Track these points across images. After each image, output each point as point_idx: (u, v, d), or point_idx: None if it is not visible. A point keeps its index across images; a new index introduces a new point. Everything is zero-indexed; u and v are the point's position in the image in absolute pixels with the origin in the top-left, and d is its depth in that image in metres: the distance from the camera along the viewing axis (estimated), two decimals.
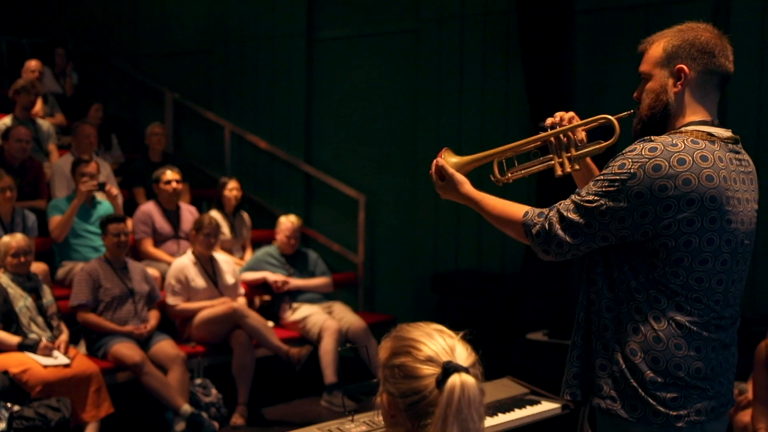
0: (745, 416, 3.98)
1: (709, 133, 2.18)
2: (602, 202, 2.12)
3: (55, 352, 4.70)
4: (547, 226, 2.21)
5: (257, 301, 6.54)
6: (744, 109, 5.44)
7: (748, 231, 2.21)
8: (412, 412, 1.56)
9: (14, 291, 4.78)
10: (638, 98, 2.30)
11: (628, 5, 5.94)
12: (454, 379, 1.52)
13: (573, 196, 2.22)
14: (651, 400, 2.12)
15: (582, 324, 2.27)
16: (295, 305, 6.17)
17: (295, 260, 6.34)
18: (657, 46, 2.25)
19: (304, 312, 6.08)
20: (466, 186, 2.44)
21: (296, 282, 6.20)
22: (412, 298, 6.90)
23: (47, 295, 4.96)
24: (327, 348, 5.79)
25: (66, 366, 4.65)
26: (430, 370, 1.54)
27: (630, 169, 2.09)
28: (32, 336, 4.73)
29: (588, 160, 2.52)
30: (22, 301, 4.78)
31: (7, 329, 4.70)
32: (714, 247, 2.11)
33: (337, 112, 7.46)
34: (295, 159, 7.59)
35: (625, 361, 2.14)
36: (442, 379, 1.52)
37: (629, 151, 2.14)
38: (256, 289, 6.27)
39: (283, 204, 7.56)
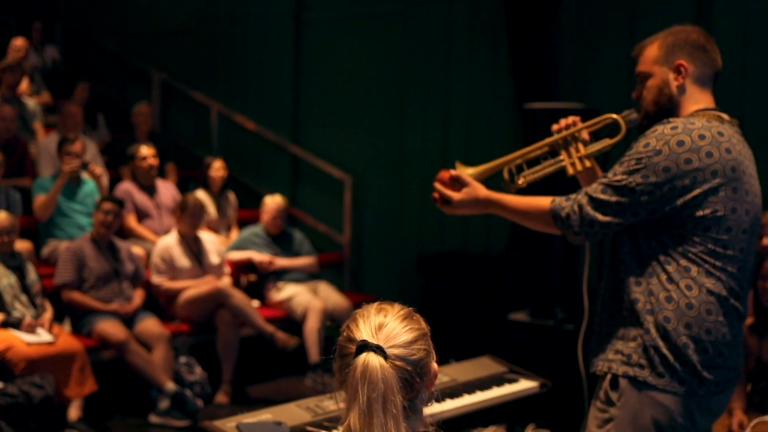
0: None
1: (719, 116, 2.36)
2: (632, 179, 2.26)
3: (39, 330, 4.71)
4: (576, 207, 2.33)
5: (243, 280, 6.56)
6: (726, 109, 5.46)
7: (757, 204, 2.36)
8: (344, 389, 1.58)
9: None
10: (638, 98, 2.46)
11: None
12: (360, 358, 1.53)
13: (599, 180, 2.35)
14: (679, 366, 2.24)
15: (609, 302, 2.39)
16: (280, 285, 6.19)
17: (280, 240, 6.36)
18: (652, 47, 2.42)
19: (290, 291, 6.11)
20: (485, 190, 2.53)
21: (282, 261, 6.22)
22: (398, 278, 6.93)
23: (31, 274, 4.97)
24: (312, 327, 5.83)
25: (50, 343, 4.67)
26: (352, 349, 1.56)
27: (656, 146, 2.25)
28: (16, 314, 4.74)
29: (593, 160, 2.63)
30: (5, 280, 4.78)
31: None
32: (737, 216, 2.26)
33: (324, 93, 7.45)
34: (282, 140, 7.59)
35: (658, 329, 2.26)
36: (354, 358, 1.54)
37: (651, 132, 2.29)
38: (242, 268, 6.29)
39: (270, 184, 7.56)
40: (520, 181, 2.63)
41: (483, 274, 6.14)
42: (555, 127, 2.62)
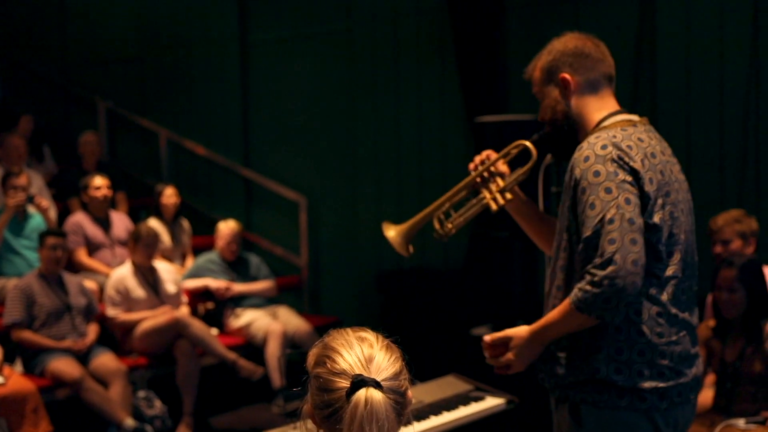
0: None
1: (629, 120, 2.28)
2: (611, 207, 2.10)
3: None
4: (599, 281, 2.09)
5: (201, 308, 6.44)
6: (673, 103, 5.52)
7: (688, 199, 2.31)
8: (328, 425, 1.52)
9: None
10: (542, 119, 2.42)
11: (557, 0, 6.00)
12: (360, 394, 1.47)
13: (585, 238, 2.14)
14: (637, 389, 2.17)
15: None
16: (238, 311, 6.09)
17: (237, 266, 6.26)
18: (536, 69, 2.41)
19: (249, 317, 6.02)
20: (524, 328, 2.31)
21: (239, 287, 6.13)
22: (358, 298, 6.87)
23: None
24: (273, 352, 5.73)
25: (1, 385, 4.51)
26: (342, 383, 1.50)
27: (607, 168, 2.13)
28: None
29: (516, 188, 2.58)
30: None
31: None
32: (674, 219, 2.20)
33: (274, 115, 7.39)
34: (233, 163, 7.50)
35: (612, 359, 2.17)
36: (349, 393, 1.48)
37: (587, 161, 2.16)
38: (198, 296, 6.18)
39: (223, 209, 7.45)
40: (449, 227, 2.57)
41: (443, 290, 6.11)
42: (471, 165, 2.57)
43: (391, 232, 2.57)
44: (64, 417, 4.95)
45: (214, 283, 6.06)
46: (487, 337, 2.34)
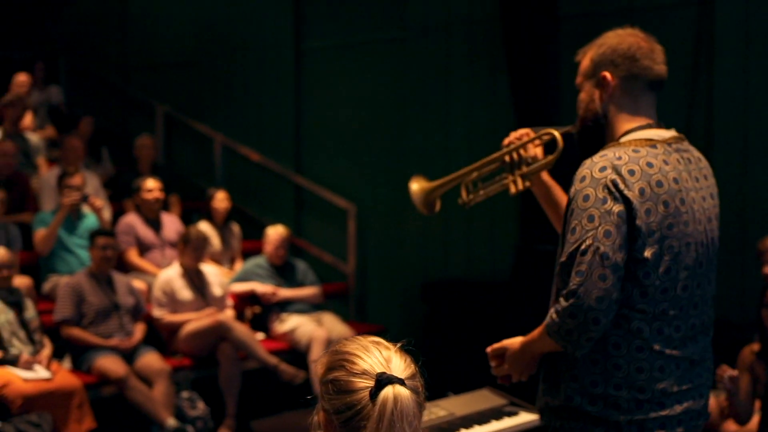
0: (731, 425, 3.93)
1: (649, 139, 2.14)
2: (597, 244, 2.01)
3: (37, 366, 4.66)
4: (569, 309, 2.03)
5: (248, 312, 6.50)
6: (730, 115, 5.40)
7: (709, 229, 2.16)
8: (348, 430, 1.50)
9: None
10: (577, 110, 2.31)
11: (611, 11, 5.92)
12: (387, 391, 1.47)
13: (561, 263, 2.09)
14: (612, 422, 2.08)
15: None
16: (284, 316, 6.13)
17: (283, 271, 6.30)
18: (587, 57, 2.26)
19: (293, 323, 6.05)
20: (516, 340, 2.28)
21: (285, 292, 6.17)
22: (402, 307, 6.86)
23: (30, 310, 4.93)
24: (316, 358, 5.75)
25: (47, 380, 4.61)
26: (364, 383, 1.49)
27: (597, 195, 2.04)
28: (13, 351, 4.69)
29: (546, 176, 2.50)
30: (3, 316, 4.74)
31: None
32: (674, 254, 2.06)
33: (326, 122, 7.44)
34: (285, 170, 7.57)
35: (588, 391, 2.09)
36: (375, 392, 1.47)
37: (583, 181, 2.08)
38: (245, 300, 6.24)
39: (274, 215, 7.52)
40: (471, 197, 2.55)
41: (488, 302, 6.05)
42: (505, 141, 2.51)
43: (415, 186, 2.54)
44: (109, 414, 5.03)
45: (261, 287, 6.11)
46: (489, 348, 2.32)
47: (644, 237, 2.03)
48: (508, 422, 3.21)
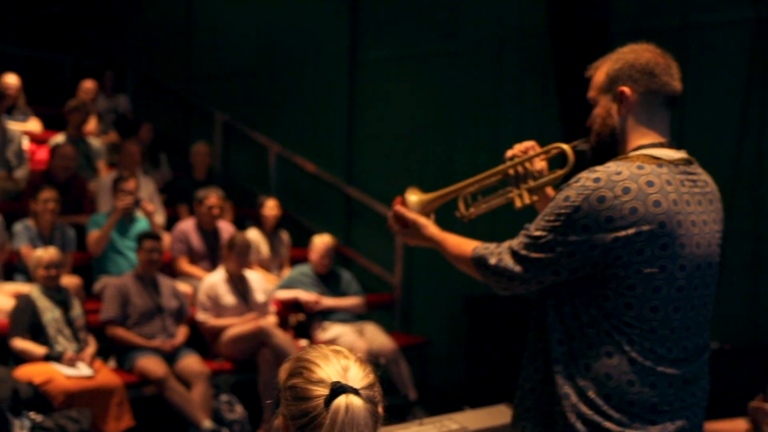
0: None
1: (656, 157, 2.11)
2: (551, 236, 2.08)
3: (79, 364, 4.82)
4: (496, 260, 2.17)
5: (292, 320, 6.58)
6: None
7: (707, 253, 2.12)
8: None
9: (43, 303, 4.92)
10: (590, 125, 2.27)
11: (664, 28, 5.83)
12: (340, 400, 1.51)
13: (523, 232, 2.17)
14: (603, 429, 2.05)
15: (537, 355, 2.18)
16: (326, 324, 6.19)
17: (328, 279, 6.37)
18: (600, 72, 2.23)
19: (335, 332, 6.10)
20: (430, 228, 2.45)
21: (328, 301, 6.23)
22: (447, 320, 6.85)
23: (76, 308, 5.09)
24: None
25: (89, 378, 4.76)
26: (319, 391, 1.53)
27: (575, 201, 2.05)
28: (58, 348, 4.86)
29: (549, 190, 2.48)
30: (50, 314, 4.92)
31: (34, 341, 4.85)
32: (667, 274, 2.04)
33: (377, 133, 7.49)
34: (336, 179, 7.65)
35: (579, 397, 2.07)
36: (328, 400, 1.51)
37: (574, 182, 2.09)
38: (289, 307, 6.32)
39: (325, 224, 7.60)
40: (470, 211, 2.53)
41: (530, 317, 5.99)
42: (509, 153, 2.47)
43: (413, 197, 2.53)
44: (148, 414, 5.16)
45: (305, 295, 6.19)
46: (397, 206, 2.52)
47: (629, 254, 2.01)
48: None
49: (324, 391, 1.52)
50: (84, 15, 10.09)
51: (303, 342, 6.09)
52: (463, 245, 2.30)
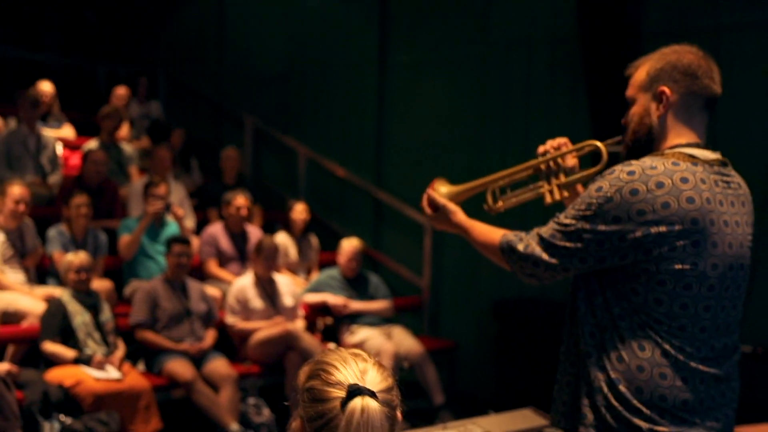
0: None
1: (692, 155, 2.12)
2: (580, 225, 2.10)
3: (108, 367, 4.86)
4: (523, 247, 2.20)
5: (320, 323, 6.59)
6: None
7: (739, 254, 2.13)
8: None
9: (73, 307, 4.98)
10: (626, 123, 2.28)
11: (697, 28, 5.74)
12: (356, 402, 1.50)
13: (553, 220, 2.20)
14: (635, 431, 2.05)
15: (571, 349, 2.22)
16: (354, 328, 6.19)
17: (356, 283, 6.37)
18: (641, 70, 2.24)
19: (363, 335, 6.10)
20: (459, 215, 2.47)
21: (356, 305, 6.23)
22: (476, 324, 6.81)
23: (106, 312, 5.14)
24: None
25: (117, 380, 4.81)
26: (337, 393, 1.53)
27: (607, 192, 2.06)
28: (88, 351, 4.91)
29: (579, 188, 2.48)
30: (80, 317, 4.97)
31: (64, 344, 4.91)
32: (698, 272, 2.04)
33: (406, 137, 7.48)
34: (366, 183, 7.65)
35: (610, 389, 2.08)
36: (345, 402, 1.51)
37: (608, 174, 2.11)
38: (317, 311, 6.33)
39: (354, 227, 7.61)
40: (499, 205, 2.53)
41: (559, 322, 5.94)
42: (541, 149, 2.48)
43: (443, 188, 2.53)
44: (177, 416, 5.20)
45: (333, 299, 6.20)
46: (431, 191, 2.52)
47: (661, 247, 2.03)
48: None
49: (341, 393, 1.52)
50: (117, 22, 10.22)
51: (331, 345, 6.09)
52: (491, 233, 2.34)
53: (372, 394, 1.52)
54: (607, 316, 2.10)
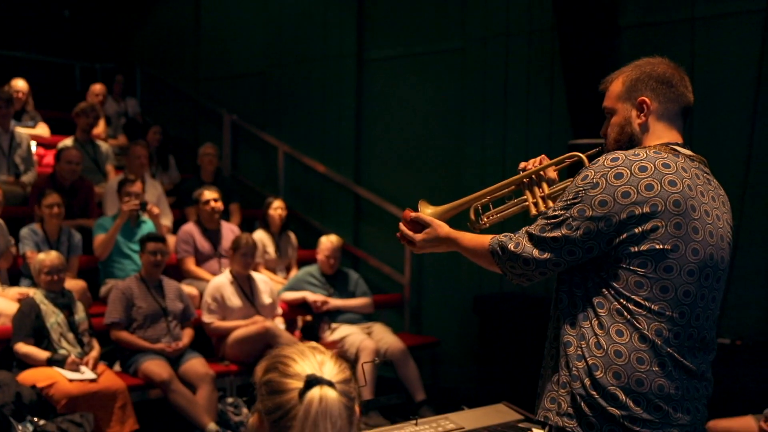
0: None
1: (673, 149, 2.21)
2: (568, 214, 2.16)
3: (83, 368, 4.80)
4: (514, 245, 2.23)
5: (299, 321, 6.55)
6: None
7: (720, 247, 2.19)
8: (278, 430, 1.53)
9: (46, 307, 4.91)
10: (605, 134, 2.36)
11: (673, 20, 5.73)
12: (314, 392, 1.51)
13: (541, 216, 2.25)
14: (606, 421, 2.10)
15: (552, 342, 2.27)
16: (334, 325, 6.15)
17: (335, 280, 6.32)
18: (617, 82, 2.32)
19: (343, 332, 6.06)
20: (446, 228, 2.48)
21: (335, 302, 6.18)
22: (457, 320, 6.79)
23: (80, 312, 5.08)
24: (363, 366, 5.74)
25: (92, 381, 4.74)
26: (294, 384, 1.53)
27: (593, 179, 2.13)
28: (62, 352, 4.84)
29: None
30: (53, 318, 4.90)
31: (38, 345, 4.84)
32: (679, 255, 2.10)
33: (385, 133, 7.44)
34: (345, 179, 7.60)
35: (587, 375, 2.13)
36: (303, 392, 1.51)
37: (593, 164, 2.18)
38: (296, 308, 6.28)
39: (334, 224, 7.56)
40: (483, 221, 2.55)
41: (540, 317, 5.91)
42: (522, 165, 2.53)
43: (427, 210, 2.55)
44: (153, 417, 5.13)
45: (312, 296, 6.15)
46: (412, 213, 2.48)
47: (642, 228, 2.09)
48: None
49: (299, 384, 1.52)
50: (93, 19, 10.12)
51: (312, 343, 6.03)
52: (480, 238, 2.37)
53: (330, 384, 1.53)
54: (588, 305, 2.16)
